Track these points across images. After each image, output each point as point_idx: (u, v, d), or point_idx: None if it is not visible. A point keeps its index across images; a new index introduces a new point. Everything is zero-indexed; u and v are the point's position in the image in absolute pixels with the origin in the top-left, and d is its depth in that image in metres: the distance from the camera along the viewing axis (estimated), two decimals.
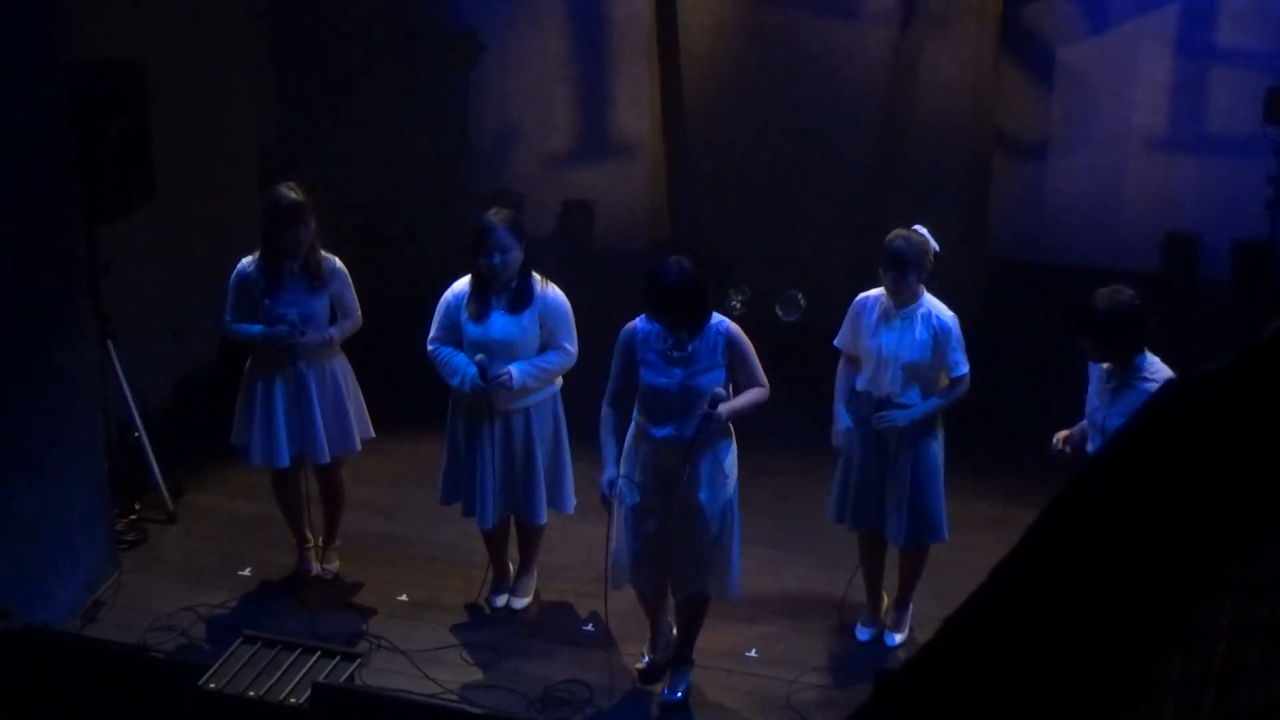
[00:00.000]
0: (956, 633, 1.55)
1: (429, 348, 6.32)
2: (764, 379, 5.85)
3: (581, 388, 6.51)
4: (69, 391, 6.45)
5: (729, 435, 5.91)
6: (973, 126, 8.71)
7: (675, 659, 6.19)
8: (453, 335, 6.30)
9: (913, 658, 1.60)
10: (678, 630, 6.23)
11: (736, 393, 5.85)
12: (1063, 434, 5.94)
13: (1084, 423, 5.88)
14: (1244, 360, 1.59)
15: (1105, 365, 5.69)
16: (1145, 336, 5.56)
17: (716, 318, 5.83)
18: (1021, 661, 1.54)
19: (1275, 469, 1.57)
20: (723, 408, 5.73)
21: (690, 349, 5.76)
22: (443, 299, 6.33)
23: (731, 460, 5.92)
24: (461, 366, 6.22)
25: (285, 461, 6.58)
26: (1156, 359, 5.62)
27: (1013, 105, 8.88)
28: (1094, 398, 5.77)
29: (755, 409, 5.89)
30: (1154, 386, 5.47)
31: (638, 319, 5.90)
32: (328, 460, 6.66)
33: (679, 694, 6.11)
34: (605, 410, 6.01)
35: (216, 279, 6.90)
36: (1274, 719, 1.70)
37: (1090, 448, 5.80)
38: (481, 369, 6.16)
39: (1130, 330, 5.51)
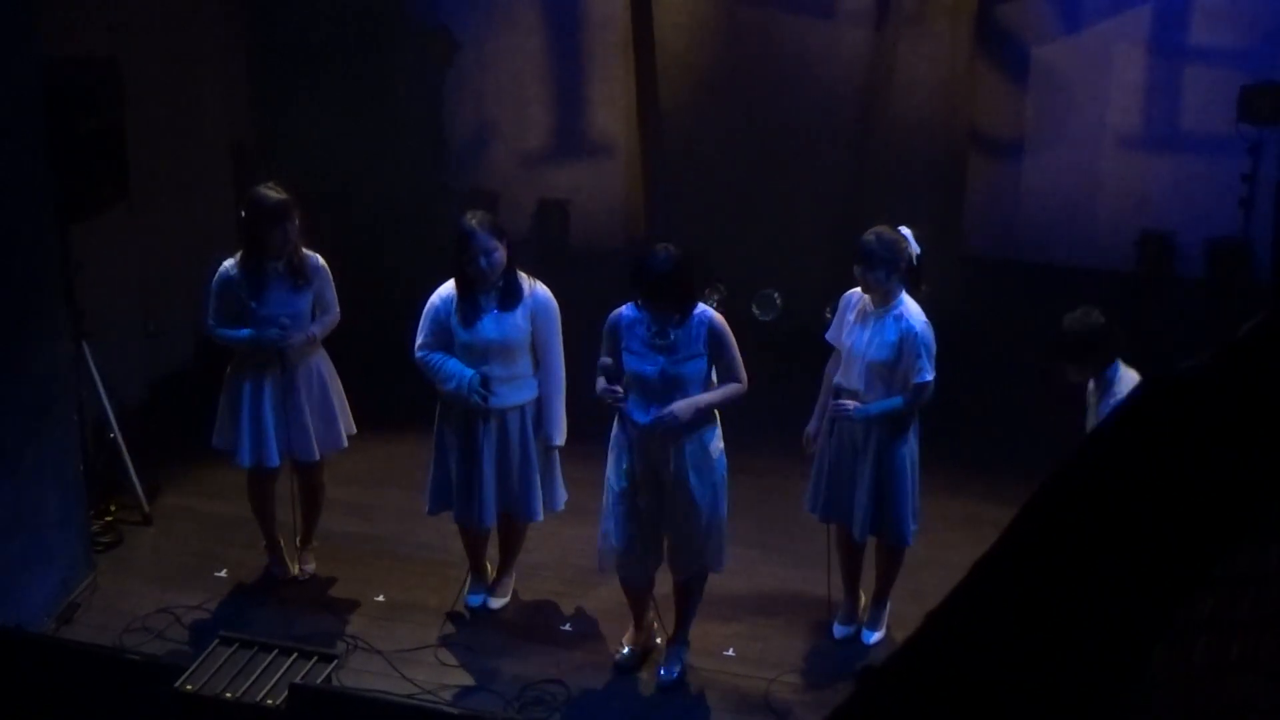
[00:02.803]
0: (938, 628, 1.56)
1: (418, 354, 6.25)
2: (743, 374, 5.89)
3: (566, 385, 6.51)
4: (43, 392, 6.41)
5: (713, 421, 5.96)
6: (948, 125, 8.73)
7: (673, 638, 6.24)
8: (442, 340, 6.23)
9: (895, 653, 1.61)
10: (676, 610, 6.25)
11: (719, 381, 5.91)
12: None
13: None
14: (1222, 356, 1.59)
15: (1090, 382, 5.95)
16: (1115, 348, 5.85)
17: (700, 307, 5.88)
18: (1003, 657, 1.54)
19: (1254, 465, 1.58)
20: (682, 405, 5.76)
21: (673, 336, 5.81)
22: (429, 304, 6.27)
23: (717, 445, 5.97)
24: (455, 371, 6.17)
25: (276, 461, 6.58)
26: (1130, 373, 5.83)
27: (988, 104, 8.90)
28: (1089, 410, 6.00)
29: (729, 403, 5.93)
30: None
31: (624, 306, 5.93)
32: (317, 458, 6.66)
33: (675, 674, 6.16)
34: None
35: (191, 277, 6.87)
36: (1253, 715, 1.71)
37: None
38: (484, 380, 6.14)
39: (1100, 349, 5.84)
